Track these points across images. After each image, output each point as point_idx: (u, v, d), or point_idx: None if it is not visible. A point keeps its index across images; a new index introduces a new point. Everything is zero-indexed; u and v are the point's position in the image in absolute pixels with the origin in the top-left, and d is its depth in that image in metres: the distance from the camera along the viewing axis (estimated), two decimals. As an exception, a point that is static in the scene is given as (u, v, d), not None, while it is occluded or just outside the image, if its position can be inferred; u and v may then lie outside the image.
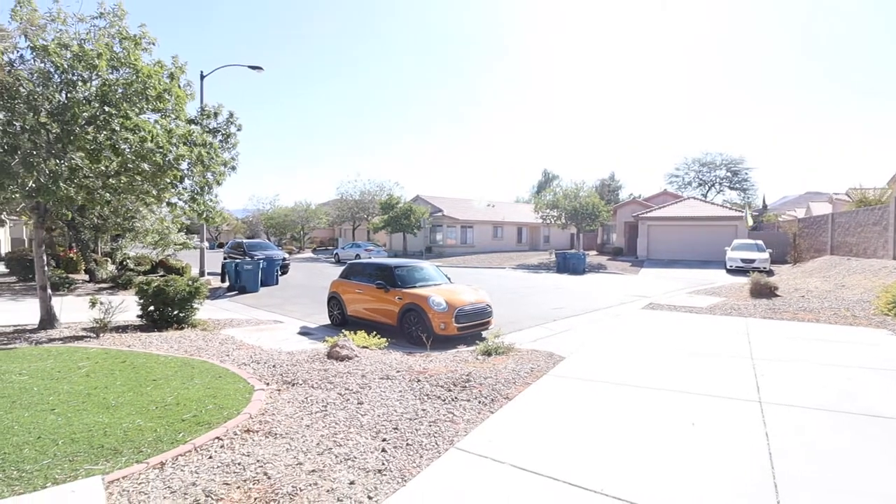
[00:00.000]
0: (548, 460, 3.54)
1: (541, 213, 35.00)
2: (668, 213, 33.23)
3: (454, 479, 3.29)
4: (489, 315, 9.60)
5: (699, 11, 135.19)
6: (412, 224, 37.05)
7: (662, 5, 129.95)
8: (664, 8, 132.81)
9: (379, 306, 9.83)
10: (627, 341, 8.14)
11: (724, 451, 3.71)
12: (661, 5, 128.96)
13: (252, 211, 54.66)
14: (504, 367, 6.18)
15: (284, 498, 2.88)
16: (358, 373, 5.75)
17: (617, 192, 63.38)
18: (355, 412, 4.43)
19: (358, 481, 3.13)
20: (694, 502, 2.95)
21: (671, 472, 3.36)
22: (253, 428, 3.94)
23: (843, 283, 15.35)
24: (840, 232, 21.84)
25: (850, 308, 11.03)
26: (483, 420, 4.37)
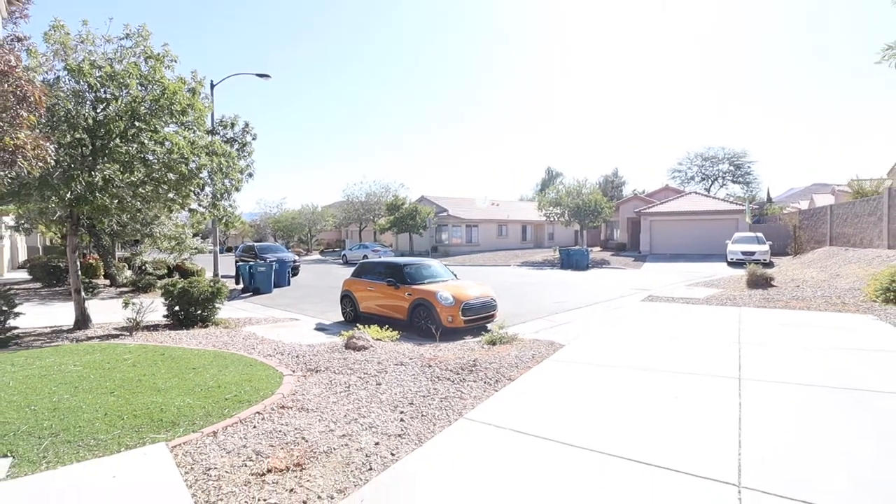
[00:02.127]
0: (544, 426, 4.08)
1: (544, 210, 35.50)
2: (670, 209, 33.59)
3: (463, 440, 3.84)
4: (494, 308, 10.15)
5: (701, 8, 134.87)
6: (418, 224, 37.66)
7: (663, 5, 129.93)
8: (664, 8, 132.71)
9: (390, 302, 10.40)
10: (624, 330, 8.64)
11: (700, 416, 4.22)
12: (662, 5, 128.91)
13: (259, 214, 55.49)
14: (508, 354, 6.71)
15: (321, 455, 3.45)
16: (374, 360, 6.32)
17: (620, 188, 63.61)
18: (375, 391, 4.99)
19: (382, 443, 3.70)
20: (668, 455, 3.46)
21: (652, 433, 3.88)
22: (287, 405, 4.52)
23: (838, 272, 15.73)
24: (838, 223, 22.17)
25: (841, 296, 11.45)
26: (488, 396, 4.92)
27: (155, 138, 7.54)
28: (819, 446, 3.59)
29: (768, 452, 3.49)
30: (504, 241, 43.76)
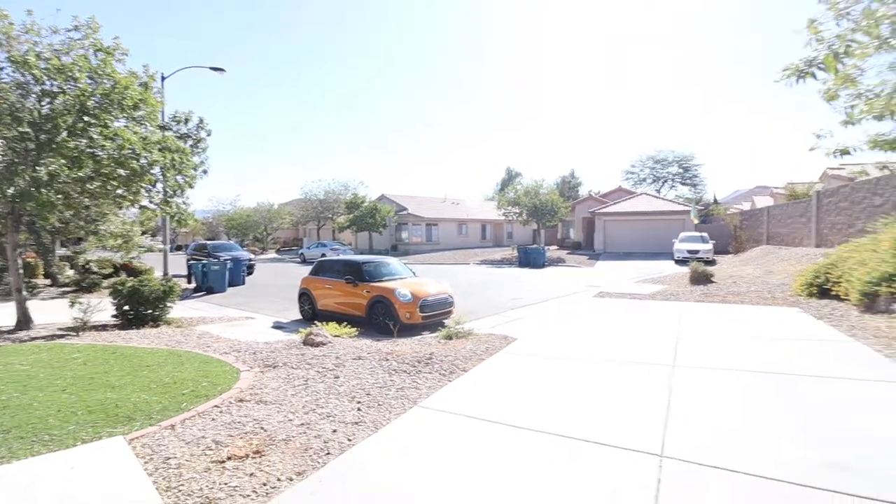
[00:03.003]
0: (494, 411, 4.40)
1: (503, 210, 36.29)
2: (623, 209, 35.08)
3: (417, 425, 4.10)
4: (451, 305, 10.47)
5: (659, 13, 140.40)
6: (378, 223, 37.60)
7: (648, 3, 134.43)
8: (649, 6, 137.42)
9: (348, 300, 10.54)
10: (575, 324, 9.13)
11: (635, 400, 4.64)
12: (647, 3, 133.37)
13: (212, 212, 53.62)
14: (463, 348, 7.02)
15: (280, 443, 3.62)
16: (332, 355, 6.47)
17: (577, 189, 65.55)
18: (333, 384, 5.17)
19: (339, 430, 3.90)
20: (604, 433, 3.84)
21: (591, 416, 4.26)
22: (245, 398, 4.63)
23: (771, 269, 17.00)
24: (774, 223, 23.86)
25: (772, 291, 12.45)
26: (442, 387, 5.19)
27: (105, 133, 7.36)
28: (737, 421, 4.07)
29: (690, 427, 3.93)
30: (464, 240, 44.32)
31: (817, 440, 3.65)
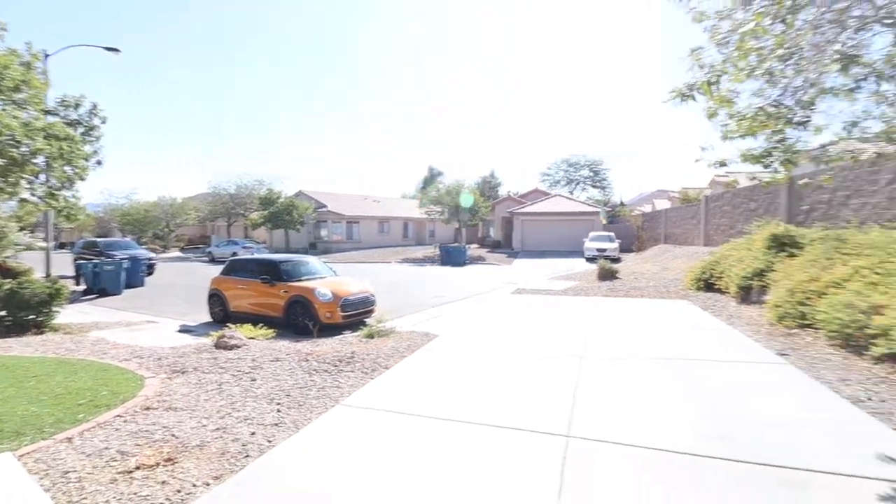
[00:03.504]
0: (415, 405, 4.53)
1: (426, 208, 36.61)
2: (539, 209, 36.88)
3: (339, 422, 4.12)
4: (373, 304, 10.46)
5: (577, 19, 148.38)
6: (295, 220, 36.23)
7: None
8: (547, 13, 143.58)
9: (264, 300, 10.14)
10: (493, 320, 9.53)
11: (546, 388, 5.00)
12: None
13: (103, 206, 48.34)
14: (385, 346, 7.07)
15: (194, 449, 3.47)
16: (248, 358, 6.24)
17: (497, 189, 67.61)
18: (249, 387, 5.01)
19: (258, 432, 3.82)
20: (518, 419, 4.11)
21: (506, 404, 4.53)
22: (152, 406, 4.35)
23: (667, 266, 18.79)
24: (670, 224, 26.34)
25: (667, 286, 13.80)
26: (365, 384, 5.22)
27: (-23, 117, 6.47)
28: (635, 402, 4.53)
29: (595, 410, 4.32)
30: (386, 238, 44.05)
31: (702, 415, 4.19)
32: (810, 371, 5.39)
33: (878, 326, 5.59)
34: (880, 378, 5.02)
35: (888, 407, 4.25)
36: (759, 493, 2.95)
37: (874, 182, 9.19)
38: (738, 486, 3.03)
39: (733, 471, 3.21)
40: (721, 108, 4.46)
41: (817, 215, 11.22)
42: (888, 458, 3.30)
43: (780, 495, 2.91)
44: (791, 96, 3.95)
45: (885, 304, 5.79)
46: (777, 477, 3.09)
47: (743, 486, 3.03)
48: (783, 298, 7.89)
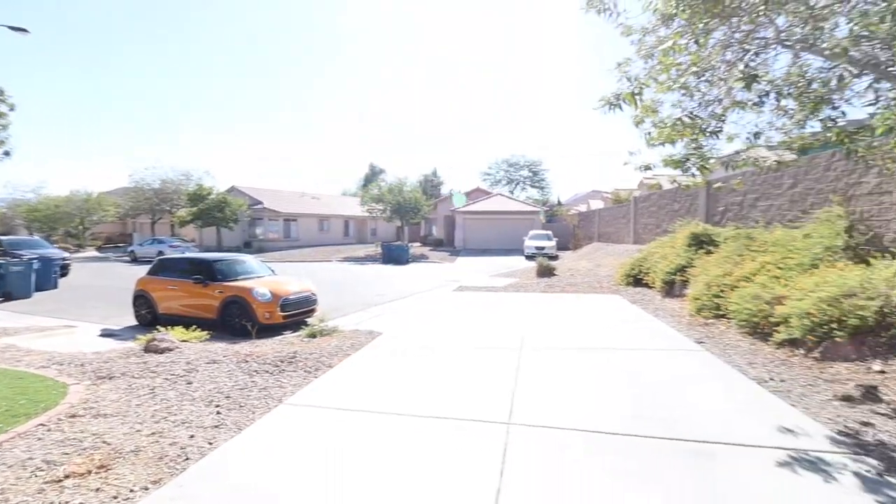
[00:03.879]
0: (362, 401, 4.57)
1: (367, 206, 36.21)
2: (480, 208, 37.58)
3: (283, 422, 4.08)
4: (314, 303, 10.26)
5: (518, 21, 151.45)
6: (227, 217, 34.53)
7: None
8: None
9: (197, 301, 9.68)
10: (436, 317, 9.68)
11: (487, 379, 5.19)
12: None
13: (7, 201, 43.58)
14: (328, 345, 7.01)
15: (129, 455, 3.32)
16: (182, 361, 5.97)
17: (439, 188, 68.05)
18: (185, 391, 4.81)
19: (198, 435, 3.70)
20: (462, 410, 4.26)
21: (450, 397, 4.67)
22: (78, 413, 4.08)
23: (600, 263, 19.81)
24: (603, 224, 27.72)
25: (600, 281, 14.58)
26: (308, 384, 5.18)
27: None
28: (570, 389, 4.82)
29: (533, 399, 4.56)
30: (326, 237, 43.07)
31: (628, 398, 4.54)
32: (723, 356, 5.96)
33: (779, 315, 6.28)
34: (781, 361, 5.65)
35: (787, 386, 4.82)
36: (675, 462, 3.28)
37: (778, 186, 10.23)
38: (658, 458, 3.35)
39: (654, 445, 3.53)
40: (646, 117, 4.85)
41: (731, 216, 12.31)
42: (785, 430, 3.76)
43: (692, 464, 3.25)
44: (705, 108, 4.38)
45: (785, 296, 6.52)
46: (691, 449, 3.45)
47: (662, 458, 3.35)
48: (701, 292, 8.62)
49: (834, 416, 4.01)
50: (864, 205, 7.63)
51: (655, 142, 4.42)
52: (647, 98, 4.63)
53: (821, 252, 7.24)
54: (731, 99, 4.53)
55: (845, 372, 4.97)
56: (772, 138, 5.38)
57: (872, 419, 3.91)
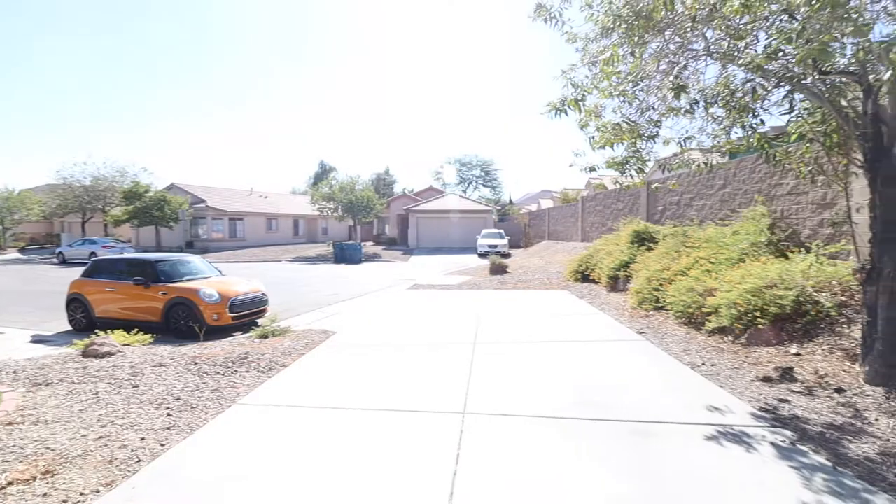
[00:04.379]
0: (318, 398, 4.58)
1: (318, 205, 35.51)
2: (434, 207, 37.75)
3: (238, 421, 4.04)
4: (265, 303, 10.04)
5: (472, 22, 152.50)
6: (167, 216, 32.81)
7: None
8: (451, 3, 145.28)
9: (138, 304, 9.25)
10: (391, 315, 9.72)
11: (442, 373, 5.33)
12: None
13: None
14: (281, 345, 6.92)
15: (76, 459, 3.20)
16: (125, 365, 5.72)
17: (391, 186, 67.71)
18: (132, 394, 4.64)
19: (148, 437, 3.61)
20: (418, 402, 4.37)
21: (406, 390, 4.77)
22: (16, 421, 3.86)
23: (550, 260, 20.45)
24: (553, 222, 28.57)
25: (550, 278, 15.09)
26: (262, 383, 5.12)
27: None
28: (521, 380, 5.04)
29: (486, 390, 4.74)
30: (274, 236, 41.84)
31: (574, 385, 4.81)
32: (661, 345, 6.40)
33: (710, 306, 6.81)
34: (712, 347, 6.14)
35: (716, 370, 5.25)
36: (615, 440, 3.55)
37: (711, 187, 11.01)
38: (600, 437, 3.61)
39: (597, 426, 3.80)
40: (591, 121, 5.15)
41: (669, 214, 13.09)
42: (713, 408, 4.14)
43: (630, 441, 3.53)
44: (642, 115, 4.71)
45: (716, 288, 7.06)
46: (630, 428, 3.74)
47: (604, 437, 3.62)
48: (642, 286, 9.16)
49: (756, 395, 4.44)
50: (784, 204, 8.37)
51: (598, 145, 4.71)
52: (590, 103, 4.91)
53: (747, 247, 7.89)
54: (666, 106, 4.90)
55: (767, 355, 5.48)
56: (703, 142, 5.85)
57: (788, 396, 4.36)
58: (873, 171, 4.43)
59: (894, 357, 4.28)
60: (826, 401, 4.19)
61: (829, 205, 7.26)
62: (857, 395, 4.20)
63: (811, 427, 3.72)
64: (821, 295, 5.82)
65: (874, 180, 4.43)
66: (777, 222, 8.27)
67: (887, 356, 4.26)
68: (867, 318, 4.49)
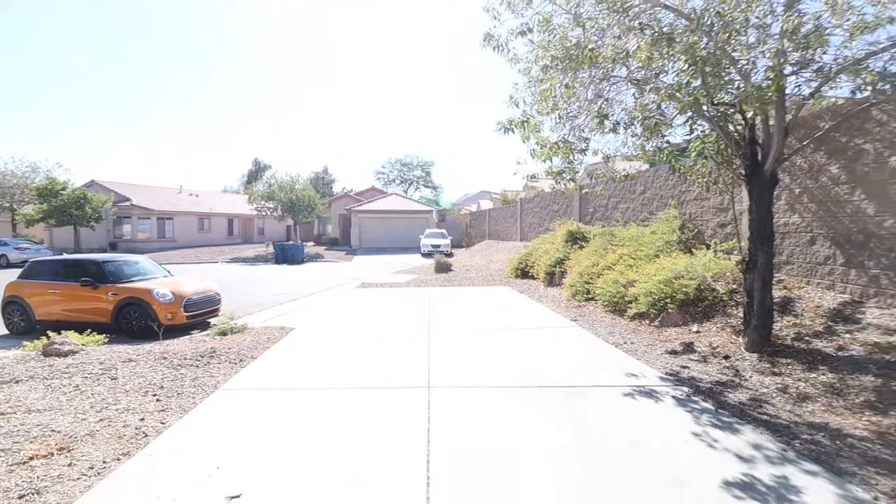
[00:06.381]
0: (297, 381, 5.08)
1: (256, 204, 34.65)
2: (376, 207, 37.98)
3: (227, 401, 4.47)
4: (218, 302, 10.17)
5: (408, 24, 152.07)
6: (87, 215, 30.67)
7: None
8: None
9: (85, 305, 9.09)
10: (346, 312, 10.17)
11: (404, 359, 5.96)
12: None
13: None
14: (244, 341, 7.24)
15: (85, 437, 3.53)
16: (94, 362, 5.87)
17: (331, 186, 66.80)
18: (114, 386, 4.89)
19: (147, 418, 3.97)
20: (387, 380, 4.98)
21: (374, 372, 5.36)
22: (6, 411, 4.05)
23: (492, 259, 21.50)
24: (494, 223, 29.79)
25: (493, 275, 16.05)
26: (237, 373, 5.51)
27: None
28: (474, 360, 5.78)
29: (444, 368, 5.44)
30: (207, 237, 40.18)
31: (518, 363, 5.62)
32: (591, 329, 7.39)
33: (631, 295, 7.91)
34: (632, 330, 7.21)
35: (635, 347, 6.27)
36: (554, 400, 4.38)
37: (633, 192, 12.36)
38: (542, 399, 4.43)
39: (539, 392, 4.62)
40: (531, 135, 5.99)
41: (599, 216, 14.43)
42: (631, 374, 5.09)
43: (567, 400, 4.37)
44: (575, 133, 5.61)
45: (636, 280, 8.19)
46: (565, 392, 4.59)
47: (544, 398, 4.43)
48: (575, 280, 10.24)
49: (664, 364, 5.45)
50: (692, 208, 9.74)
51: (539, 158, 5.55)
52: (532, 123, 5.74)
53: (662, 245, 9.14)
54: (594, 125, 5.84)
55: (674, 334, 6.60)
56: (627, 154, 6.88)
57: (688, 364, 5.41)
58: (751, 184, 5.58)
59: (766, 330, 5.44)
60: (716, 365, 5.27)
61: (724, 209, 8.62)
62: (739, 359, 5.32)
63: (703, 384, 4.74)
64: (717, 283, 7.04)
65: (751, 191, 5.58)
66: (686, 223, 9.61)
67: (760, 329, 5.41)
68: (747, 300, 5.64)
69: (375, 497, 2.86)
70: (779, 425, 3.79)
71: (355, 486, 2.98)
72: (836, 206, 6.27)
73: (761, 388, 4.56)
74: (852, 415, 3.90)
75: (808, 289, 6.50)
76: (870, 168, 5.82)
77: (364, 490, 2.93)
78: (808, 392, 4.35)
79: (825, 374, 4.58)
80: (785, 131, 5.24)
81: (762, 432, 3.69)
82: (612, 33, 4.68)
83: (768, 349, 5.33)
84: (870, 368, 4.49)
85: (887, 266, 5.57)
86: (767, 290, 5.41)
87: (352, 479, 3.05)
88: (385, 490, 2.93)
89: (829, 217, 6.39)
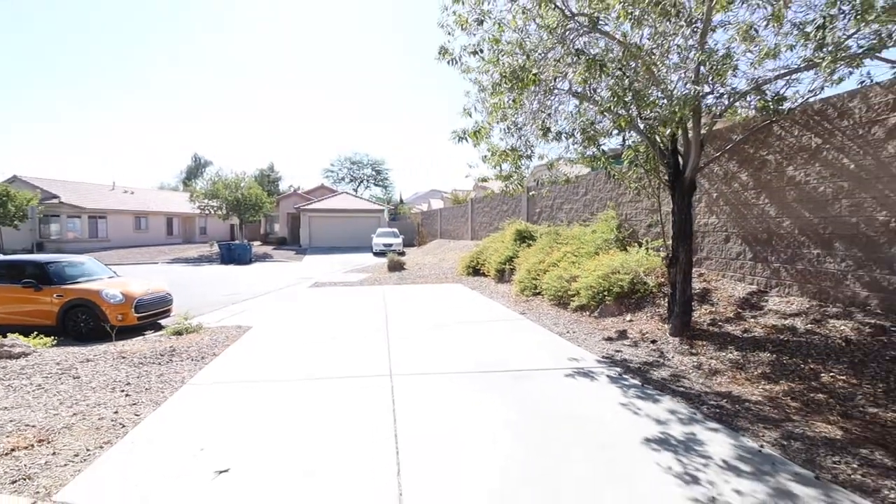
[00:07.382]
0: (262, 375, 5.32)
1: (198, 203, 33.41)
2: (326, 206, 37.59)
3: (199, 395, 4.67)
4: (170, 303, 10.05)
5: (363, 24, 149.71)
6: (10, 213, 28.54)
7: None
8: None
9: (27, 307, 8.77)
10: (301, 310, 10.32)
11: (366, 351, 6.32)
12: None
13: None
14: (202, 340, 7.31)
15: (63, 430, 3.66)
16: (49, 362, 5.82)
17: (277, 183, 65.02)
18: (78, 384, 4.94)
19: (121, 411, 4.12)
20: (347, 371, 5.33)
21: (339, 364, 5.68)
22: (-31, 410, 4.06)
23: (444, 257, 22.01)
24: (445, 222, 30.33)
25: (445, 273, 16.54)
26: (202, 369, 5.66)
27: None
28: (431, 351, 6.22)
29: (404, 359, 5.85)
30: (144, 236, 38.22)
31: (471, 352, 6.12)
32: (538, 321, 8.03)
33: (574, 289, 8.63)
34: (574, 320, 7.90)
35: (576, 335, 6.94)
36: (503, 381, 4.92)
37: (576, 194, 13.24)
38: (493, 382, 4.95)
39: (491, 376, 5.15)
40: (483, 142, 6.50)
41: (545, 216, 15.27)
42: (572, 359, 5.71)
43: (515, 382, 4.92)
44: (521, 141, 6.18)
45: (578, 275, 8.92)
46: (516, 375, 5.14)
47: (496, 381, 4.96)
48: (523, 276, 10.91)
49: (601, 349, 6.13)
50: (627, 210, 10.64)
51: (490, 163, 6.08)
52: (482, 132, 6.26)
53: (601, 243, 9.96)
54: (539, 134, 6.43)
55: (611, 323, 7.33)
56: (569, 159, 7.55)
57: (621, 348, 6.11)
58: (673, 189, 6.35)
59: (686, 317, 6.23)
60: (644, 348, 6.00)
61: (654, 210, 9.53)
62: (664, 343, 6.08)
63: (633, 365, 5.43)
64: (648, 278, 7.86)
65: (674, 195, 6.36)
66: (623, 223, 10.50)
67: (682, 316, 6.20)
68: (671, 291, 6.42)
69: (355, 461, 3.24)
70: (692, 395, 4.50)
71: (338, 453, 3.35)
72: (746, 208, 7.21)
73: (680, 366, 5.29)
74: (751, 384, 4.67)
75: (724, 281, 7.42)
76: (771, 176, 6.77)
77: (345, 456, 3.30)
78: (718, 367, 5.12)
79: (732, 353, 5.37)
80: (701, 143, 6.04)
81: (678, 401, 4.37)
82: (554, 55, 5.26)
83: (688, 333, 6.12)
84: (767, 347, 5.32)
85: (786, 260, 6.52)
86: (688, 282, 6.21)
87: (334, 450, 3.41)
88: (362, 457, 3.31)
89: (740, 218, 7.33)
